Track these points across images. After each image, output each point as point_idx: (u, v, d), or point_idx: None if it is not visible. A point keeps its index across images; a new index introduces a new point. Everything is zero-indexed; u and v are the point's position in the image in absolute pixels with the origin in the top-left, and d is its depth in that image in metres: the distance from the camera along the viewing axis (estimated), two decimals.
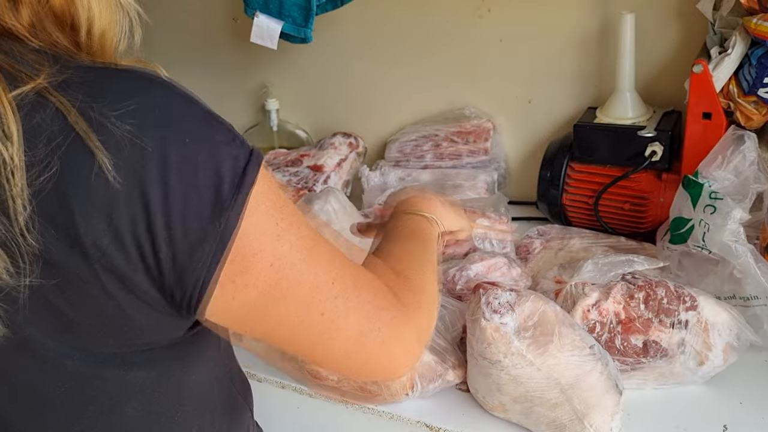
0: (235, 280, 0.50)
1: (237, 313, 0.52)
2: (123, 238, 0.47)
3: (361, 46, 1.43)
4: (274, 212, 0.52)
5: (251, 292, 0.51)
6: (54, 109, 0.46)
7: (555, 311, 0.82)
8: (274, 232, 0.52)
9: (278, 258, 0.52)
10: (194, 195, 0.48)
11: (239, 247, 0.50)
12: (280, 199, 0.54)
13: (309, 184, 1.34)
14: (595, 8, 1.20)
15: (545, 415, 0.80)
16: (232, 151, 0.50)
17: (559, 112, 1.31)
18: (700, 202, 0.94)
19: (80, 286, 0.48)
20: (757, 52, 0.96)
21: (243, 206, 0.50)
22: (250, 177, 0.50)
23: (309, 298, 0.54)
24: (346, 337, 0.56)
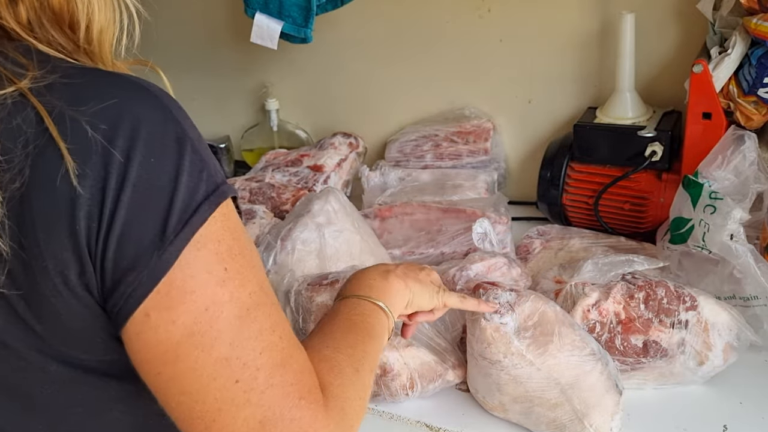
0: (162, 313, 0.47)
1: (154, 348, 0.48)
2: (81, 249, 0.46)
3: (361, 46, 1.43)
4: (225, 257, 0.49)
5: (176, 330, 0.48)
6: (33, 113, 0.46)
7: (555, 311, 0.82)
8: (218, 276, 0.49)
9: (215, 304, 0.48)
10: (141, 218, 0.47)
11: (176, 280, 0.47)
12: (238, 244, 0.51)
13: (309, 184, 1.34)
14: (595, 8, 1.20)
15: (545, 415, 0.80)
16: (193, 182, 0.48)
17: (559, 112, 1.31)
18: (700, 202, 0.94)
19: (42, 298, 0.47)
20: (757, 52, 0.96)
21: (185, 243, 0.47)
22: (202, 215, 0.48)
23: (231, 359, 0.49)
24: (252, 415, 0.49)
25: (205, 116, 1.64)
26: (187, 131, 0.50)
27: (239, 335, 0.49)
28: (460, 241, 1.12)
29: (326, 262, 1.02)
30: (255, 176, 1.37)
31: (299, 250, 1.02)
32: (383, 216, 1.22)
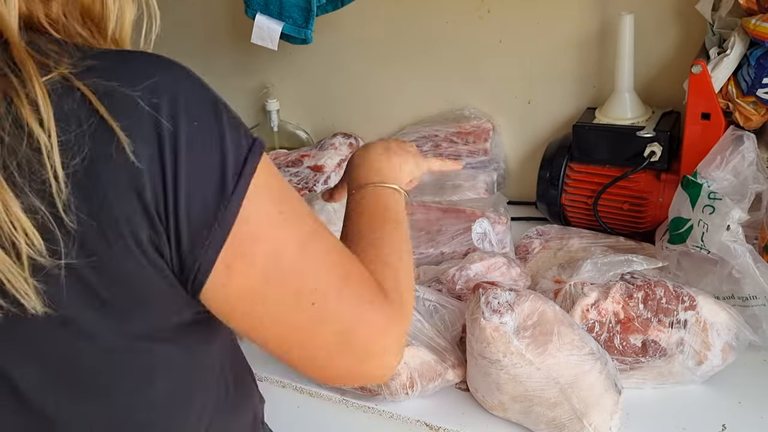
0: (233, 264, 0.51)
1: (240, 293, 0.53)
2: (151, 214, 0.49)
3: (362, 46, 1.43)
4: (278, 200, 0.54)
5: (256, 273, 0.52)
6: (80, 95, 0.48)
7: (554, 311, 0.82)
8: (278, 218, 0.53)
9: (282, 243, 0.53)
10: (201, 177, 0.50)
11: (240, 232, 0.51)
12: (283, 188, 0.55)
13: (309, 184, 1.34)
14: (595, 9, 1.20)
15: (544, 414, 0.80)
16: (236, 138, 0.52)
17: (558, 112, 1.31)
18: (699, 203, 0.94)
19: (113, 264, 0.50)
20: (756, 52, 0.96)
21: (244, 192, 0.51)
22: (251, 164, 0.52)
23: (304, 286, 0.54)
24: (335, 328, 0.55)
25: None
26: (216, 95, 0.54)
27: (306, 264, 0.54)
28: (460, 241, 1.12)
29: None
30: None
31: None
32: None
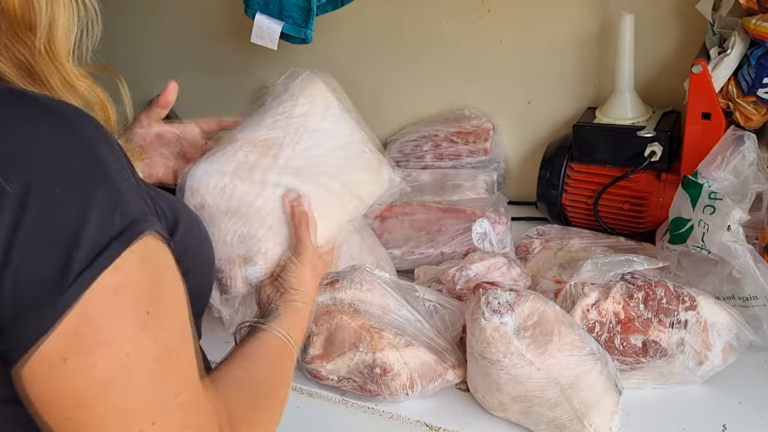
0: (80, 358, 0.45)
1: (68, 392, 0.46)
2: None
3: (361, 46, 1.43)
4: (146, 300, 0.48)
5: (96, 374, 0.46)
6: None
7: (554, 311, 0.82)
8: (139, 321, 0.47)
9: (135, 349, 0.47)
10: (41, 254, 0.44)
11: (87, 322, 0.45)
12: (160, 288, 0.49)
13: None
14: (595, 9, 1.20)
15: (545, 414, 0.80)
16: (106, 216, 0.46)
17: (558, 112, 1.31)
18: (699, 203, 0.94)
19: None
20: (757, 52, 0.96)
21: (91, 280, 0.45)
22: (113, 251, 0.45)
23: (150, 402, 0.48)
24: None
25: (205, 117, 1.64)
26: (102, 159, 0.47)
27: (159, 378, 0.48)
28: (460, 241, 1.12)
29: None
30: None
31: None
32: (383, 216, 1.22)
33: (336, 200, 0.82)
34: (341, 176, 0.83)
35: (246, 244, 0.77)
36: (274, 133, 0.80)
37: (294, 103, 0.82)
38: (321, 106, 0.83)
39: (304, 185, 0.79)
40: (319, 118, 0.82)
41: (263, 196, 0.77)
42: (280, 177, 0.78)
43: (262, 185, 0.77)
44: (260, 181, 0.77)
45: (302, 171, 0.79)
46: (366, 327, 0.87)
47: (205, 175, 0.77)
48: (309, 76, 0.84)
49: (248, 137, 0.79)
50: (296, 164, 0.79)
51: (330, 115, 0.83)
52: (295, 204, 0.78)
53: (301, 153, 0.80)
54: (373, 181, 0.86)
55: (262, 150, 0.79)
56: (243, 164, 0.78)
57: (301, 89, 0.83)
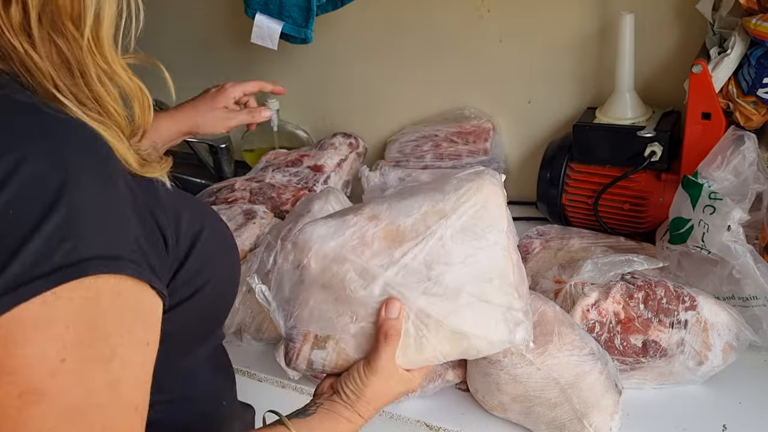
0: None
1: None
2: None
3: (361, 46, 1.43)
4: (69, 346, 0.44)
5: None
6: None
7: (554, 311, 0.82)
8: (51, 365, 0.43)
9: (33, 393, 0.43)
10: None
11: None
12: (95, 334, 0.45)
13: (309, 184, 1.34)
14: (595, 8, 1.20)
15: (545, 414, 0.80)
16: (45, 249, 0.43)
17: (558, 112, 1.31)
18: (699, 203, 0.94)
19: None
20: (757, 52, 0.96)
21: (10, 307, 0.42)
22: (35, 288, 0.42)
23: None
24: None
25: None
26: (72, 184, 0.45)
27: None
28: None
29: None
30: (255, 176, 1.37)
31: None
32: None
33: (437, 336, 0.67)
34: (456, 317, 0.66)
35: (326, 325, 0.68)
36: (416, 226, 0.67)
37: (457, 205, 0.68)
38: (485, 224, 0.68)
39: (413, 300, 0.66)
40: (476, 236, 0.67)
41: (367, 289, 0.66)
42: (394, 277, 0.66)
43: (373, 278, 0.66)
44: (372, 274, 0.66)
45: (419, 283, 0.66)
46: None
47: (320, 239, 0.68)
48: (494, 187, 0.69)
49: (386, 216, 0.68)
50: (418, 272, 0.66)
51: (490, 240, 0.68)
52: (392, 314, 0.66)
53: (431, 263, 0.66)
54: (490, 340, 0.68)
55: (392, 238, 0.67)
56: (364, 246, 0.67)
57: (476, 193, 0.68)
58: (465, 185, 0.69)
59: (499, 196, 0.69)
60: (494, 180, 0.70)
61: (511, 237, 0.70)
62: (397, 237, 0.67)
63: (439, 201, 0.68)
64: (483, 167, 0.72)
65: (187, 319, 0.60)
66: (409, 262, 0.66)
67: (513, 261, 0.69)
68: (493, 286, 0.67)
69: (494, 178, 0.70)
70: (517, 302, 0.68)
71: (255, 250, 1.07)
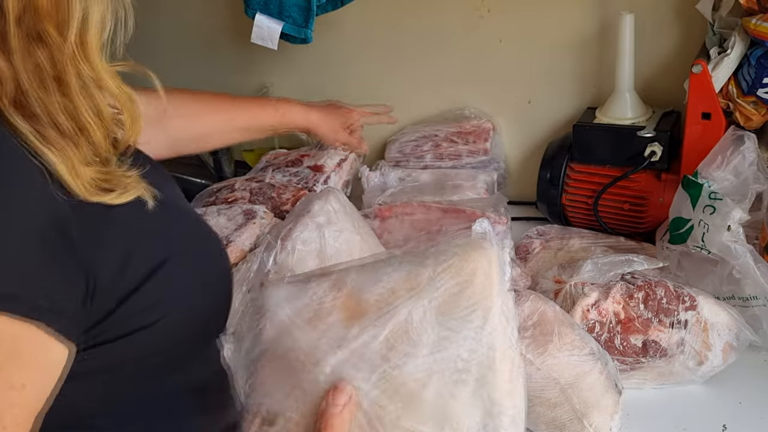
0: None
1: None
2: None
3: (361, 46, 1.43)
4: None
5: None
6: None
7: (554, 311, 0.82)
8: None
9: None
10: None
11: None
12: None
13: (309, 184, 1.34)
14: (595, 9, 1.20)
15: (545, 414, 0.80)
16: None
17: (558, 112, 1.31)
18: (699, 203, 0.94)
19: None
20: (757, 52, 0.96)
21: None
22: None
23: None
24: None
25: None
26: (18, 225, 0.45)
27: None
28: None
29: (326, 262, 1.02)
30: (255, 176, 1.37)
31: (299, 249, 1.02)
32: (383, 216, 1.22)
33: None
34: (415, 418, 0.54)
35: (276, 401, 0.60)
36: (381, 301, 0.56)
37: (434, 279, 0.56)
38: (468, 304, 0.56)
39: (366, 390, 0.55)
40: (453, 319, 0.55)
41: (316, 369, 0.57)
42: (346, 359, 0.56)
43: (322, 357, 0.57)
44: (322, 352, 0.57)
45: (374, 369, 0.55)
46: None
47: (276, 305, 0.60)
48: (486, 260, 0.57)
49: (350, 284, 0.58)
50: (374, 356, 0.55)
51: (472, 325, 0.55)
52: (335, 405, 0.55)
53: (392, 347, 0.55)
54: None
55: (351, 312, 0.57)
56: (319, 318, 0.58)
57: (460, 265, 0.56)
58: (448, 256, 0.57)
59: (492, 272, 0.56)
60: (489, 251, 0.57)
61: (505, 323, 0.56)
62: (357, 311, 0.56)
63: (413, 273, 0.56)
64: (481, 231, 0.61)
65: (139, 353, 0.56)
66: (366, 343, 0.55)
67: (502, 353, 0.56)
68: (468, 383, 0.55)
69: (490, 249, 0.58)
70: (501, 405, 0.56)
71: (255, 250, 1.07)
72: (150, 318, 0.55)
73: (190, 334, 0.61)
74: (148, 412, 0.61)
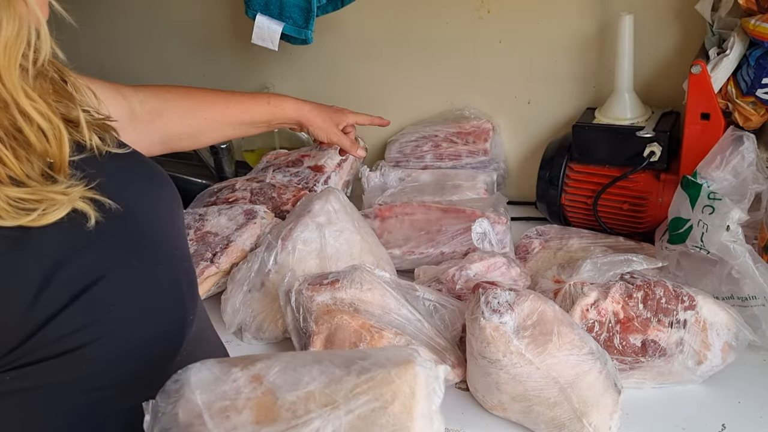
0: None
1: None
2: None
3: (361, 47, 1.43)
4: None
5: None
6: None
7: (554, 311, 0.82)
8: None
9: None
10: None
11: None
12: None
13: (310, 184, 1.34)
14: (594, 9, 1.20)
15: (544, 413, 0.81)
16: None
17: (558, 112, 1.31)
18: (698, 203, 0.94)
19: None
20: (756, 52, 0.96)
21: None
22: None
23: None
24: None
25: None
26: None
27: None
28: (460, 241, 1.13)
29: (327, 261, 1.03)
30: (256, 176, 1.37)
31: (300, 249, 1.02)
32: (383, 216, 1.22)
33: None
34: None
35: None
36: (294, 406, 0.52)
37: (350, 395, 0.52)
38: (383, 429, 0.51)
39: None
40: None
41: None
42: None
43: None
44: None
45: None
46: (366, 326, 0.87)
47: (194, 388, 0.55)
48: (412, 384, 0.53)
49: (271, 382, 0.54)
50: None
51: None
52: None
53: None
54: None
55: (264, 412, 0.53)
56: (230, 412, 0.54)
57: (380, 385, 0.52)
58: (374, 370, 0.52)
59: (417, 396, 0.52)
60: (419, 374, 0.52)
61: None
62: (269, 413, 0.52)
63: (334, 381, 0.52)
64: (418, 353, 0.55)
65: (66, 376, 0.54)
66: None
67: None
68: None
69: (420, 373, 0.53)
70: None
71: (256, 249, 1.07)
72: (76, 342, 0.52)
73: (131, 360, 0.58)
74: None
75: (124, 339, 0.57)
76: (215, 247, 1.12)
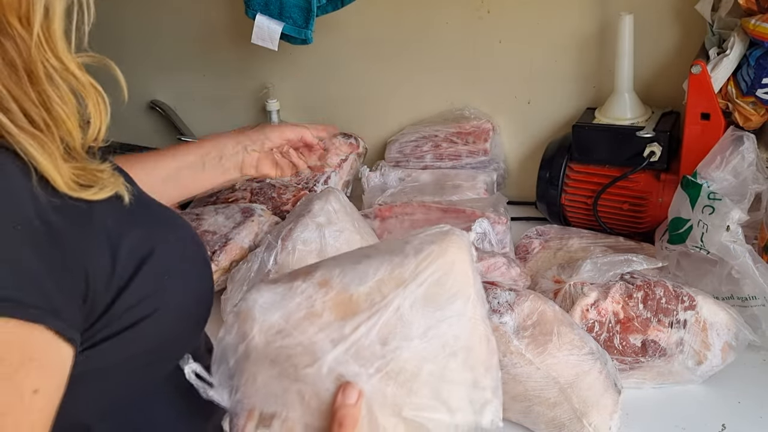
0: None
1: None
2: None
3: (362, 47, 1.43)
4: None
5: None
6: None
7: (554, 311, 0.82)
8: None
9: None
10: None
11: None
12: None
13: (309, 184, 1.34)
14: (594, 9, 1.20)
15: (544, 414, 0.81)
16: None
17: (558, 112, 1.31)
18: (698, 203, 0.94)
19: None
20: (756, 52, 0.96)
21: None
22: None
23: None
24: None
25: (205, 117, 1.65)
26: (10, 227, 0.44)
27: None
28: None
29: None
30: None
31: (300, 250, 1.02)
32: (383, 216, 1.22)
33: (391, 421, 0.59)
34: (414, 401, 0.58)
35: (272, 402, 0.60)
36: (370, 296, 0.59)
37: (417, 271, 0.59)
38: (449, 292, 0.60)
39: (365, 381, 0.57)
40: (438, 306, 0.59)
41: (314, 367, 0.59)
42: (344, 355, 0.58)
43: (320, 356, 0.58)
44: (319, 350, 0.58)
45: (372, 361, 0.58)
46: None
47: (264, 310, 0.60)
48: (460, 249, 0.61)
49: (338, 283, 0.60)
50: (371, 349, 0.58)
51: (454, 310, 0.59)
52: (349, 400, 0.57)
53: (386, 339, 0.58)
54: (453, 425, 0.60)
55: (344, 309, 0.59)
56: (312, 318, 0.59)
57: (439, 257, 0.60)
58: (427, 248, 0.60)
59: (466, 260, 0.61)
60: (461, 241, 0.61)
61: (479, 305, 0.61)
62: (349, 308, 0.59)
63: (397, 266, 0.59)
64: (448, 226, 0.63)
65: (133, 351, 0.56)
66: (362, 338, 0.57)
67: (480, 333, 0.60)
68: (456, 362, 0.59)
69: (461, 239, 0.62)
70: (484, 379, 0.60)
71: (255, 250, 1.07)
72: (142, 313, 0.55)
73: (179, 329, 0.61)
74: (141, 416, 0.61)
75: (175, 309, 0.59)
76: (214, 245, 1.12)
